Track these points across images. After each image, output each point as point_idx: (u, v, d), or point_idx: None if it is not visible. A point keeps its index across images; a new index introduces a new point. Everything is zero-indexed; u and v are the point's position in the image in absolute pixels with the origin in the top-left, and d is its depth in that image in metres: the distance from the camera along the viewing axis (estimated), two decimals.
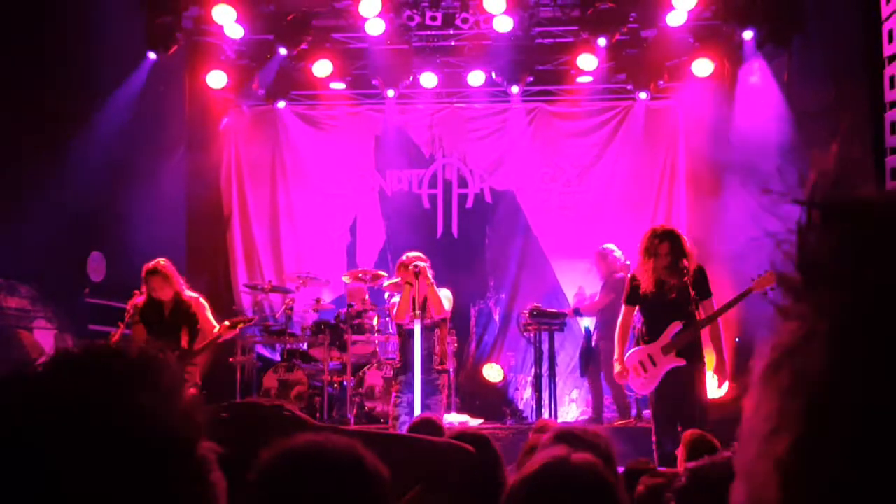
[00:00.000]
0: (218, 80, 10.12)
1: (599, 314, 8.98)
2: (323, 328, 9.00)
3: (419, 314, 6.22)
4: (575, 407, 9.86)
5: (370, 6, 9.33)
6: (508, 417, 9.51)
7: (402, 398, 6.34)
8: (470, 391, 9.83)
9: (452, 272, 8.63)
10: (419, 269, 6.23)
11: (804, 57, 8.63)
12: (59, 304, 8.21)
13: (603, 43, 9.49)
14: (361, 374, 8.79)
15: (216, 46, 10.10)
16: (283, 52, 9.93)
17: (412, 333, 6.25)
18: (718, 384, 6.37)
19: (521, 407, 9.89)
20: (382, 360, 8.82)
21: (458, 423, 8.08)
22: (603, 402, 9.09)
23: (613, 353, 6.33)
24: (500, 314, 10.56)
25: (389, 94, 10.30)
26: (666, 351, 5.86)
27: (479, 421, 8.74)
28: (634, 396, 8.60)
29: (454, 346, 8.89)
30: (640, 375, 5.97)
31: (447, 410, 7.23)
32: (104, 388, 0.72)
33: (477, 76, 10.17)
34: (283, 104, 10.80)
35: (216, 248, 10.76)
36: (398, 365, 6.53)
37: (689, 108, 10.24)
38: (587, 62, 9.79)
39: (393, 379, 6.76)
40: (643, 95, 10.14)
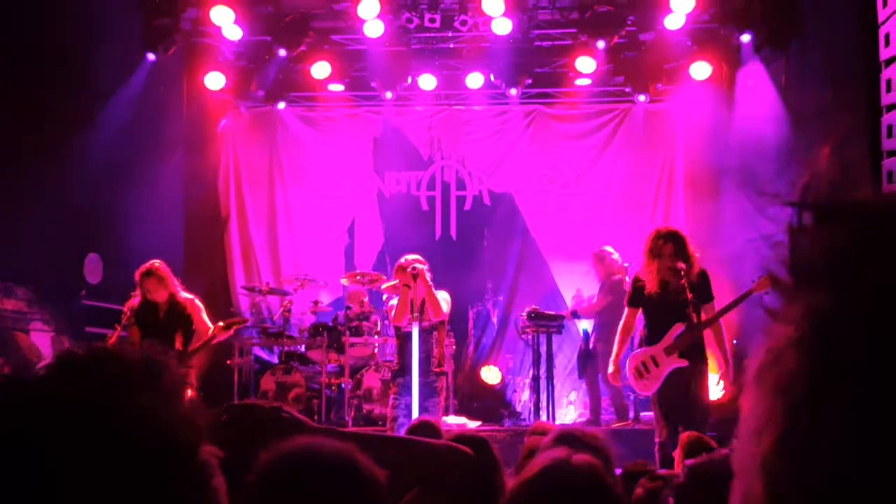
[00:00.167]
0: (216, 81, 10.11)
1: (597, 316, 8.97)
2: (321, 330, 8.99)
3: (417, 316, 6.21)
4: (573, 409, 9.86)
5: (369, 8, 9.33)
6: (506, 419, 9.50)
7: (400, 400, 6.33)
8: (468, 393, 9.82)
9: (451, 274, 8.62)
10: (417, 271, 6.22)
11: (801, 60, 8.64)
12: (55, 306, 8.19)
13: (601, 46, 9.50)
14: (359, 376, 8.78)
15: (214, 48, 10.09)
16: (281, 53, 9.93)
17: (410, 336, 6.24)
18: (724, 387, 6.37)
19: (519, 409, 9.88)
20: (380, 362, 8.82)
21: (456, 425, 8.07)
22: (601, 404, 9.08)
23: (611, 354, 6.33)
24: (498, 316, 10.56)
25: (388, 95, 10.30)
26: (668, 352, 5.86)
27: (477, 423, 8.73)
28: (633, 399, 8.60)
29: (452, 348, 8.89)
30: (642, 377, 5.96)
31: (445, 413, 7.22)
32: (105, 390, 0.72)
33: (475, 78, 10.17)
34: (281, 106, 10.80)
35: (214, 249, 10.75)
36: (396, 367, 6.52)
37: (687, 110, 10.26)
38: (585, 65, 9.81)
39: (391, 381, 6.75)
40: (641, 98, 10.15)
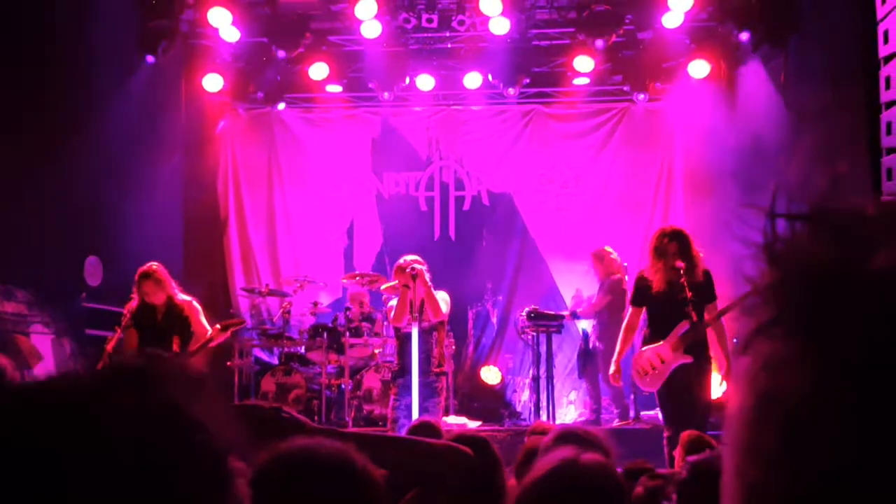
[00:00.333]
0: (214, 83, 10.10)
1: (597, 316, 8.97)
2: (320, 331, 8.99)
3: (416, 317, 6.20)
4: (573, 409, 9.86)
5: (366, 9, 9.33)
6: (506, 419, 9.50)
7: (400, 401, 6.32)
8: (468, 393, 9.82)
9: (450, 274, 8.62)
10: (416, 271, 6.21)
11: (800, 58, 8.64)
12: (55, 308, 8.17)
13: (599, 45, 9.49)
14: (359, 377, 8.78)
15: (212, 49, 10.08)
16: (279, 54, 9.92)
17: (410, 336, 6.23)
18: (728, 387, 6.37)
19: (519, 409, 9.88)
20: (380, 362, 8.81)
21: (456, 425, 8.07)
22: (601, 403, 9.08)
23: (612, 354, 6.33)
24: (497, 316, 10.56)
25: (386, 96, 10.28)
26: (674, 349, 5.88)
27: (477, 423, 8.73)
28: (633, 398, 8.59)
29: (452, 348, 8.88)
30: (647, 374, 5.97)
31: (445, 413, 7.21)
32: (168, 403, 0.71)
33: (473, 78, 10.17)
34: (280, 107, 10.79)
35: (213, 251, 10.74)
36: (396, 368, 6.51)
37: (685, 109, 10.25)
38: (584, 64, 9.80)
39: (391, 382, 6.75)
40: (640, 97, 10.15)
